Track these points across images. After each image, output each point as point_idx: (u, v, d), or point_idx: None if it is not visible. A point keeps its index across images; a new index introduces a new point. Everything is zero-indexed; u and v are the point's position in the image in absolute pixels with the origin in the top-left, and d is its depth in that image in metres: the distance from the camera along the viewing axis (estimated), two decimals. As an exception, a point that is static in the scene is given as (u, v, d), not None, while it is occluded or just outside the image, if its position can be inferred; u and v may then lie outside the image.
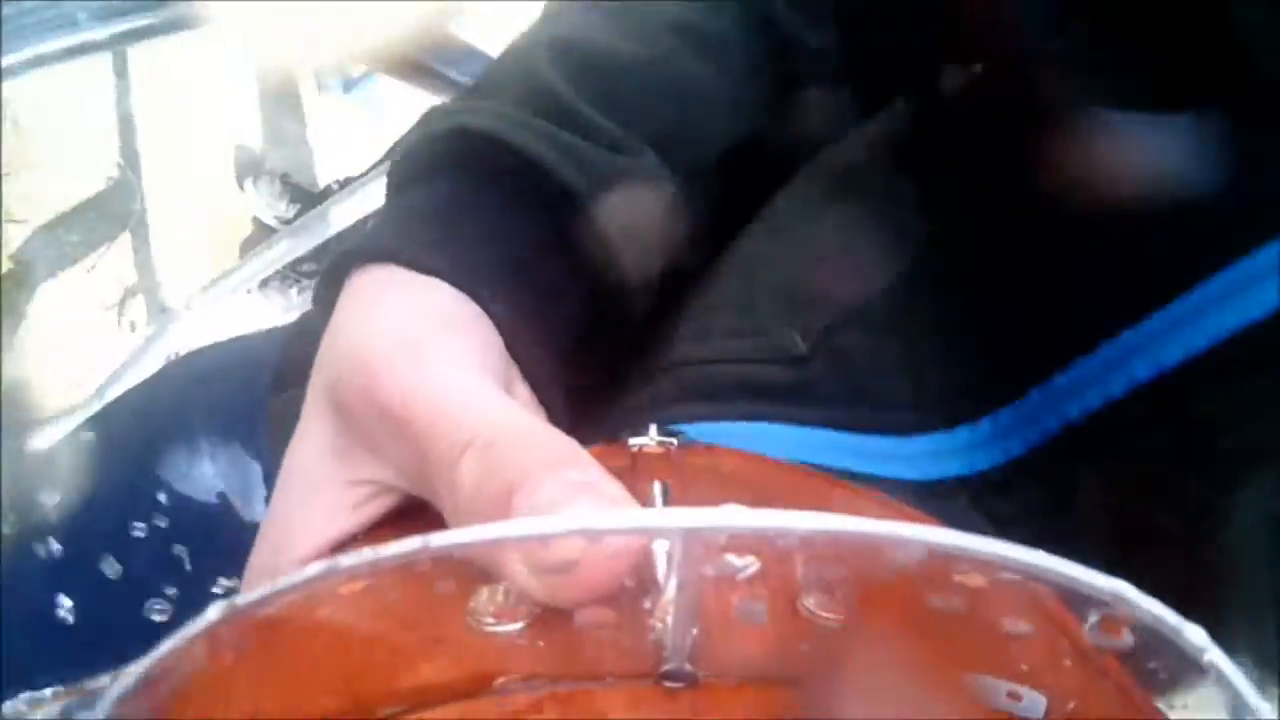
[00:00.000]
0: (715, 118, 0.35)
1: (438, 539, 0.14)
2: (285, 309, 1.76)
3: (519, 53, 0.35)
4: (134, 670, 0.15)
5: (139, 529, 0.48)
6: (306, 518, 0.24)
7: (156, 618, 0.40)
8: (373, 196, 1.59)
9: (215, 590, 0.30)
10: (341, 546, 0.24)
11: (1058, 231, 0.28)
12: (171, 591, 0.42)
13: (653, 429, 0.27)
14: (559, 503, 0.18)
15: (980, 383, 0.29)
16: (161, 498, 0.49)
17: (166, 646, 0.15)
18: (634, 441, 0.26)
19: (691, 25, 0.36)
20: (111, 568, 0.47)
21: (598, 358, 0.32)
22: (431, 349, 0.23)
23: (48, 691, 0.22)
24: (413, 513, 0.24)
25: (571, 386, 0.29)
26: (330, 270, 0.28)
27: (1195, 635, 0.13)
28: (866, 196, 0.34)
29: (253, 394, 0.47)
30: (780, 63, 0.37)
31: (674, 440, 0.26)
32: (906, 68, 0.36)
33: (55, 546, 0.49)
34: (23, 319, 1.62)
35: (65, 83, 1.75)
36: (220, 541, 0.40)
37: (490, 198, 0.30)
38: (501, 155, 0.30)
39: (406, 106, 1.64)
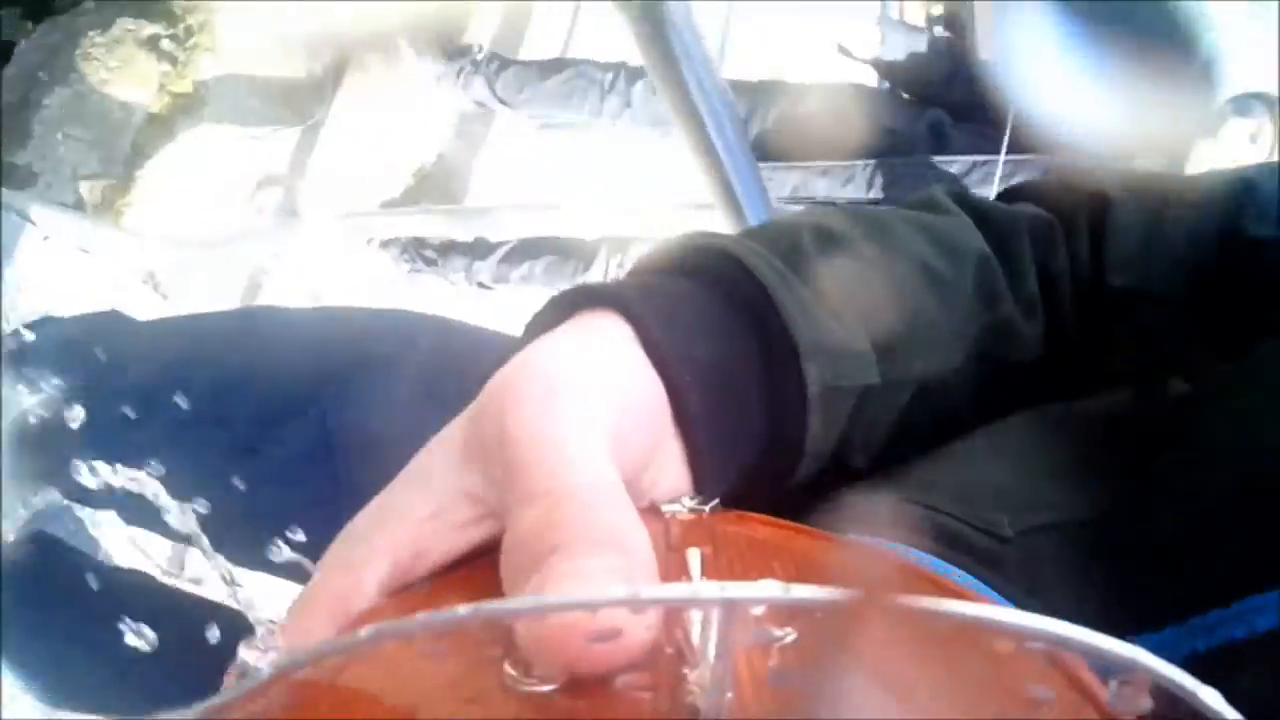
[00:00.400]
0: (929, 346, 0.38)
1: (486, 606, 0.15)
2: (387, 278, 1.76)
3: (783, 223, 0.39)
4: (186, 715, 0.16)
5: None
6: (409, 504, 0.25)
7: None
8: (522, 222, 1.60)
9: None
10: (424, 554, 0.25)
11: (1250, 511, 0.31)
12: None
13: (686, 497, 0.28)
14: (583, 578, 0.19)
15: (1139, 612, 0.31)
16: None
17: (219, 700, 0.16)
18: (667, 508, 0.27)
19: (933, 265, 0.39)
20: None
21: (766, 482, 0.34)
22: (574, 398, 0.25)
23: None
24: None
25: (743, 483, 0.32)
26: (563, 298, 0.31)
27: (1210, 698, 0.14)
28: (1089, 441, 0.37)
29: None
30: (996, 332, 0.40)
31: (706, 508, 0.28)
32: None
33: None
34: (171, 139, 1.60)
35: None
36: None
37: (722, 314, 0.33)
38: (744, 282, 0.33)
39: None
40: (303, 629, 0.23)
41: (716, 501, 0.28)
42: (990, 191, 1.63)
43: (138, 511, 0.70)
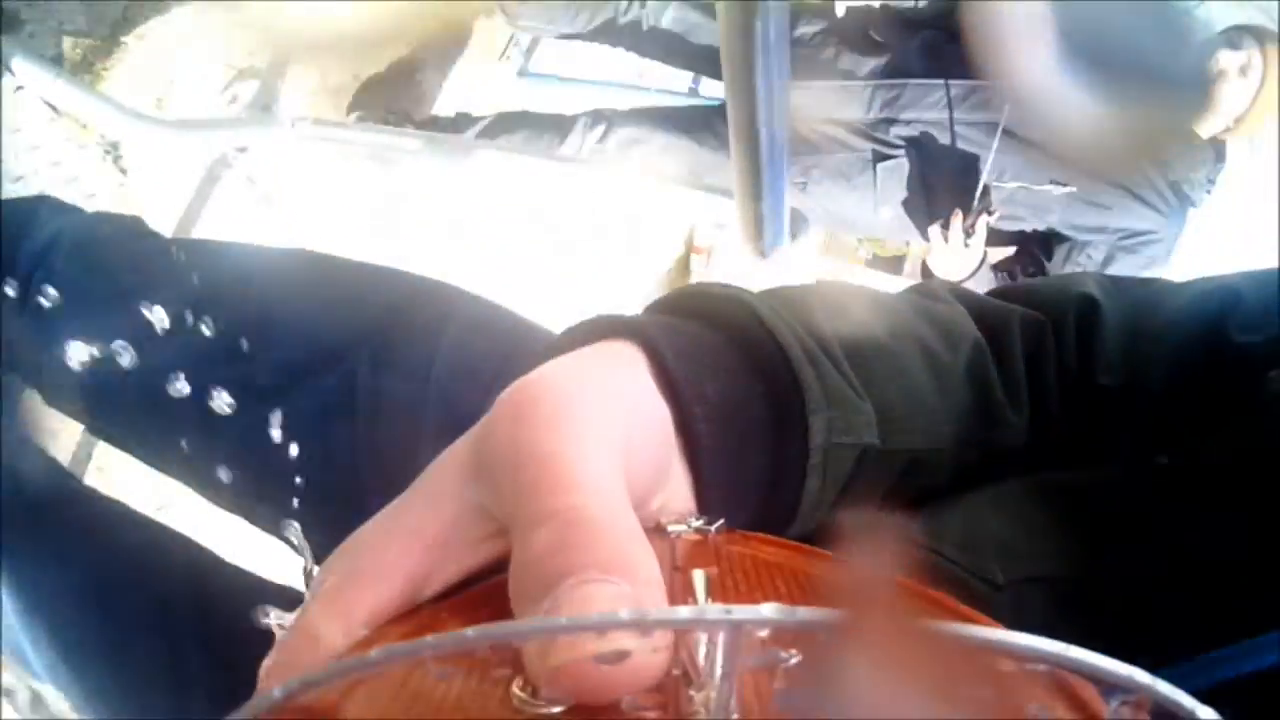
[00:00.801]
0: (926, 420, 0.40)
1: (496, 629, 0.16)
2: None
3: (795, 289, 0.40)
4: None
5: None
6: (420, 520, 0.25)
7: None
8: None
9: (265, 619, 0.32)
10: (435, 563, 0.25)
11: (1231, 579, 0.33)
12: None
13: (691, 517, 0.28)
14: (592, 604, 0.19)
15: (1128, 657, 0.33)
16: None
17: (234, 717, 0.16)
18: (673, 528, 0.27)
19: (932, 347, 0.41)
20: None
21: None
22: (584, 419, 0.25)
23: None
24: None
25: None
26: (584, 327, 0.32)
27: (1208, 715, 0.15)
28: (1078, 505, 0.39)
29: None
30: (984, 417, 0.42)
31: (712, 528, 0.28)
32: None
33: None
34: (162, 12, 1.54)
35: None
36: None
37: (734, 359, 0.34)
38: (756, 330, 0.35)
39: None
40: (310, 641, 0.23)
41: (722, 521, 0.28)
42: (984, 116, 1.70)
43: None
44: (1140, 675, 0.16)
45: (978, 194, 1.73)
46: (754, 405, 0.34)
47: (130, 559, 0.82)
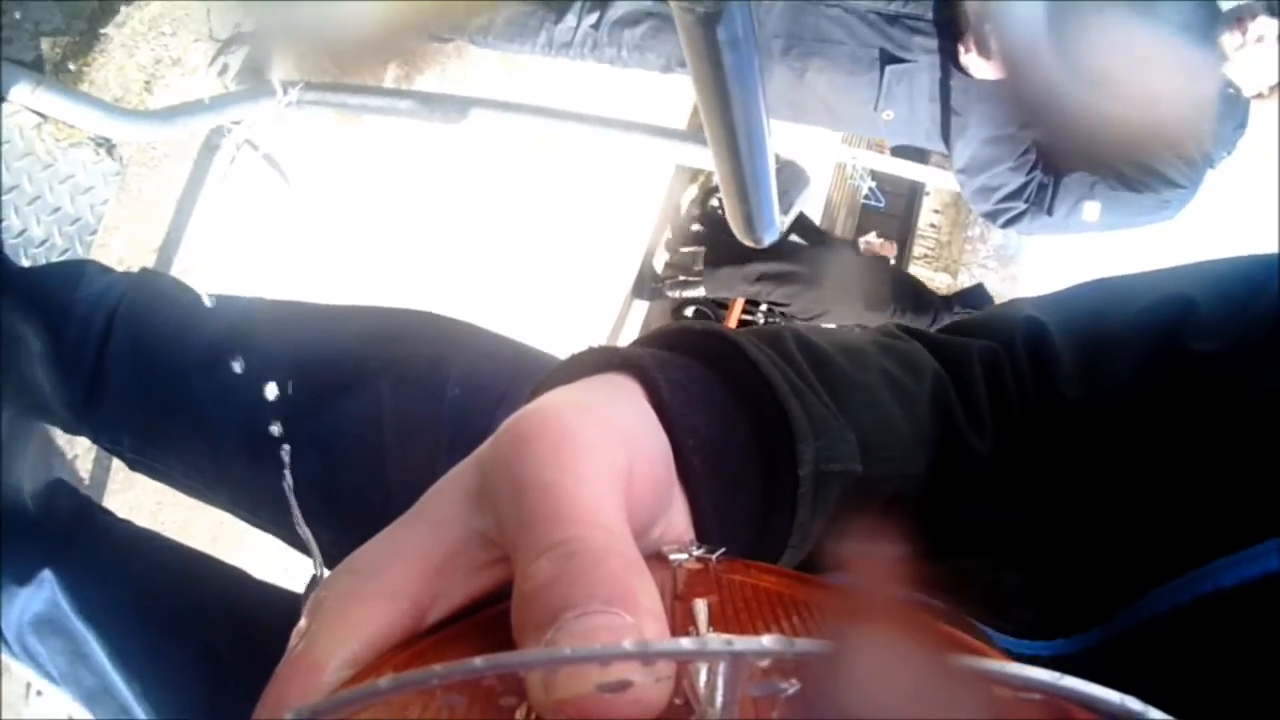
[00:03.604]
0: (902, 446, 0.41)
1: (503, 659, 0.16)
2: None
3: (764, 330, 0.41)
4: None
5: None
6: (422, 547, 0.25)
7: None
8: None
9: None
10: (439, 587, 0.25)
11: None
12: None
13: (692, 546, 0.29)
14: (595, 635, 0.19)
15: (1095, 605, 0.36)
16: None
17: None
18: (674, 557, 0.28)
19: (898, 378, 0.43)
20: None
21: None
22: (586, 450, 0.25)
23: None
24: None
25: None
26: (580, 359, 0.33)
27: None
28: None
29: None
30: (951, 444, 0.44)
31: (712, 557, 0.28)
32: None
33: None
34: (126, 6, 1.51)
35: None
36: None
37: (720, 392, 0.35)
38: (740, 362, 0.36)
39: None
40: (315, 665, 0.22)
41: (723, 550, 0.28)
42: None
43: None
44: (1133, 703, 0.16)
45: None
46: (743, 436, 0.35)
47: (167, 575, 0.89)
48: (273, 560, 1.16)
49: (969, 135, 1.74)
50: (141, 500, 1.57)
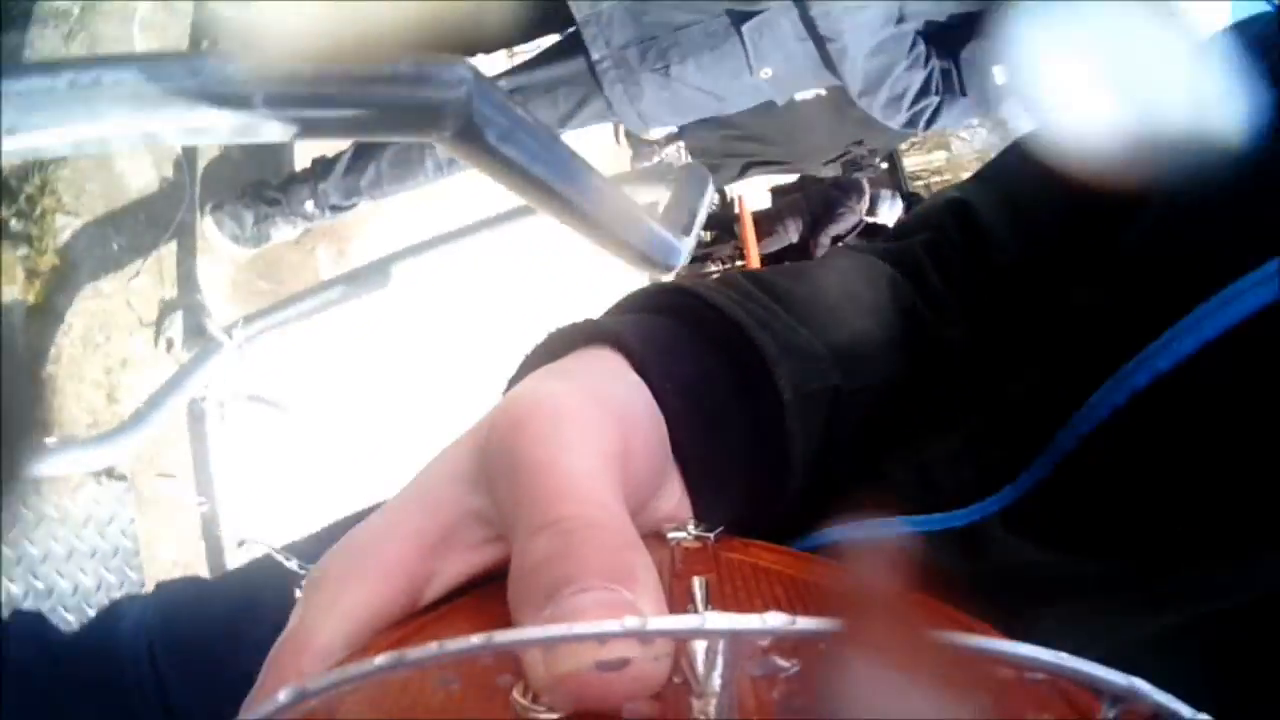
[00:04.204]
0: (878, 354, 0.41)
1: (501, 636, 0.16)
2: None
3: (721, 276, 0.42)
4: None
5: None
6: (419, 526, 0.25)
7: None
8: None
9: None
10: (433, 567, 0.25)
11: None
12: None
13: (690, 524, 0.29)
14: (593, 612, 0.19)
15: (1022, 448, 0.35)
16: None
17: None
18: (672, 536, 0.28)
19: (853, 290, 0.44)
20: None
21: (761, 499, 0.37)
22: (581, 428, 0.25)
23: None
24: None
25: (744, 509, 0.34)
26: (558, 337, 0.34)
27: None
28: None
29: None
30: (923, 339, 0.44)
31: (710, 535, 0.28)
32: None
33: None
34: (60, 322, 1.57)
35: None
36: None
37: (689, 338, 0.36)
38: (704, 309, 0.36)
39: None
40: (311, 643, 0.23)
41: (721, 529, 0.29)
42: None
43: None
44: (1140, 684, 0.16)
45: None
46: (720, 376, 0.35)
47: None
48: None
49: (851, 55, 1.68)
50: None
